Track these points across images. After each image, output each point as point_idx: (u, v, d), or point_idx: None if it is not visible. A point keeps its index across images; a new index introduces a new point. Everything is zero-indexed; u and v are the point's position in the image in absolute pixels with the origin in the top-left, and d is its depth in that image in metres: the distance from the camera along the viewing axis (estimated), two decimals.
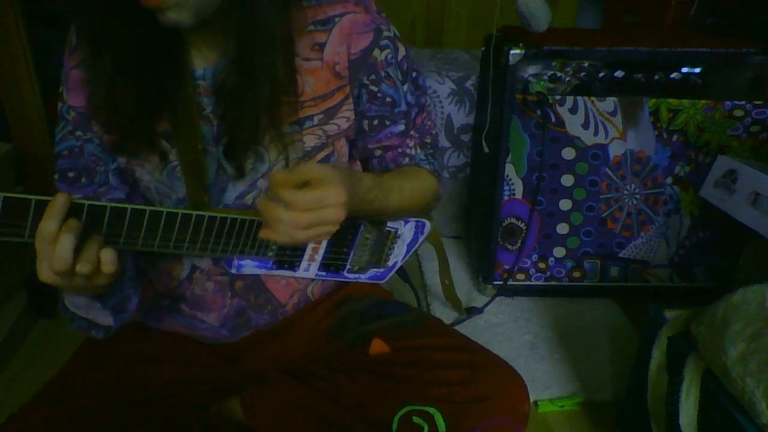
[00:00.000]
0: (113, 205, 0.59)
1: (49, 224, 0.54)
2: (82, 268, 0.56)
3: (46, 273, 0.56)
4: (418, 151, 0.85)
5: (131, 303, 0.73)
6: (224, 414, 0.79)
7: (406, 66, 0.79)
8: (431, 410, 0.69)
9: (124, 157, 0.74)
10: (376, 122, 0.79)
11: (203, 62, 0.71)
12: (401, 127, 0.81)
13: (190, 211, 0.64)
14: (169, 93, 0.69)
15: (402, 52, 0.78)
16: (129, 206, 0.60)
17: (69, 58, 0.74)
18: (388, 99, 0.78)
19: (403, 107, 0.80)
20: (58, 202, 0.54)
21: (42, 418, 0.67)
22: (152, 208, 0.61)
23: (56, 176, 0.76)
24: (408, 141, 0.83)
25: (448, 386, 0.70)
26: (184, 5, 0.61)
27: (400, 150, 0.84)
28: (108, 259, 0.58)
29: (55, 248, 0.54)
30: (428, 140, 0.87)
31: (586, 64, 1.25)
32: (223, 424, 0.78)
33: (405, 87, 0.80)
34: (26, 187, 1.45)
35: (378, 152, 0.84)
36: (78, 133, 0.75)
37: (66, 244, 0.54)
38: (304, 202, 0.58)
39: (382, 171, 0.81)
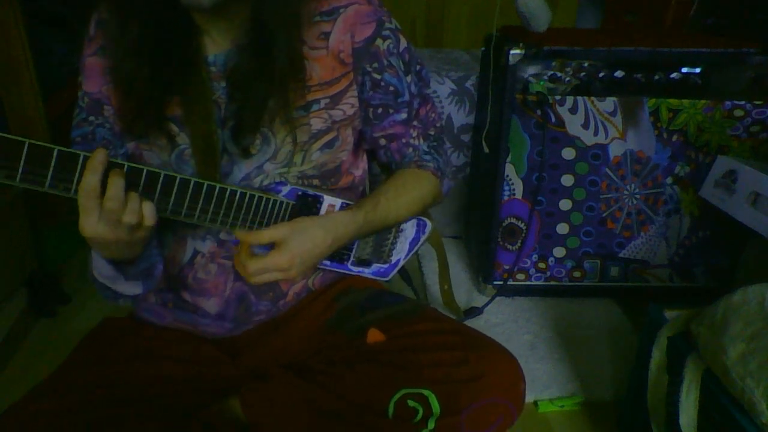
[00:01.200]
0: (150, 168, 0.63)
1: (92, 178, 0.58)
2: (129, 218, 0.61)
3: (91, 226, 0.60)
4: (422, 141, 0.87)
5: (157, 270, 0.76)
6: (224, 413, 0.79)
7: (408, 57, 0.82)
8: (426, 392, 0.69)
9: (133, 141, 0.77)
10: (380, 110, 0.82)
11: (215, 48, 0.74)
12: (404, 116, 0.84)
13: (202, 180, 0.67)
14: (182, 76, 0.72)
15: (403, 43, 0.82)
16: (162, 172, 0.64)
17: (87, 46, 0.78)
18: (391, 88, 0.81)
19: (407, 97, 0.83)
20: (99, 158, 0.58)
21: (42, 410, 0.67)
22: (169, 173, 0.64)
23: None
24: (411, 131, 0.86)
25: (442, 368, 0.71)
26: None
27: (404, 140, 0.86)
28: (149, 211, 0.63)
29: (100, 202, 0.59)
30: (432, 132, 0.89)
31: (586, 64, 1.25)
32: (223, 423, 0.78)
33: (408, 78, 0.83)
34: None
35: (383, 141, 0.86)
36: (91, 118, 0.78)
37: (117, 185, 0.59)
38: (250, 269, 0.70)
39: (377, 195, 0.82)
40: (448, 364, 0.71)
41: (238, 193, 0.70)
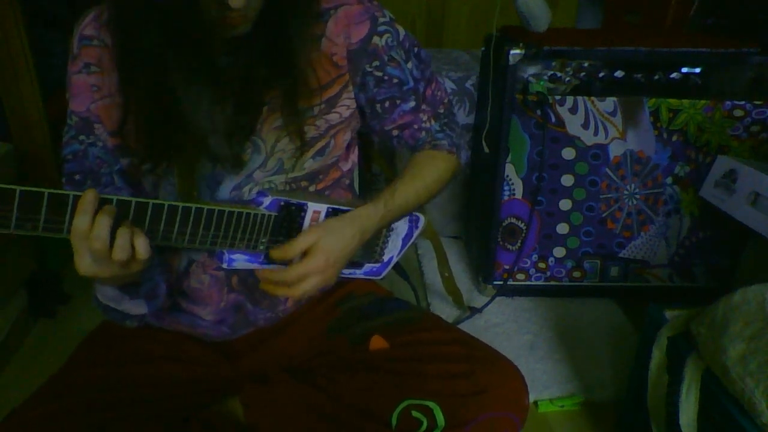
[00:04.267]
0: (122, 198, 0.60)
1: (82, 220, 0.56)
2: (119, 255, 0.59)
3: (85, 266, 0.59)
4: (433, 123, 0.86)
5: (160, 289, 0.75)
6: (224, 414, 0.79)
7: (407, 44, 0.82)
8: (430, 404, 0.69)
9: (128, 158, 0.75)
10: (387, 104, 0.81)
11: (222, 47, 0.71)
12: (412, 104, 0.83)
13: (177, 203, 0.64)
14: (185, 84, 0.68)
15: (401, 32, 0.81)
16: (133, 200, 0.61)
17: (71, 64, 0.74)
18: (395, 80, 0.80)
19: (411, 84, 0.82)
20: (88, 198, 0.56)
21: (43, 414, 0.67)
22: (139, 199, 0.62)
23: (63, 179, 0.77)
24: (421, 115, 0.85)
25: (447, 380, 0.71)
26: (249, 18, 0.64)
27: (416, 126, 0.85)
28: (142, 246, 0.61)
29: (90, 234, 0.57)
30: (441, 110, 0.88)
31: (586, 64, 1.25)
32: (223, 424, 0.78)
33: (409, 65, 0.82)
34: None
35: (395, 132, 0.85)
36: (81, 137, 0.75)
37: (102, 224, 0.57)
38: (290, 279, 0.69)
39: (393, 182, 0.80)
40: (454, 376, 0.71)
41: (216, 212, 0.67)
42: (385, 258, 0.90)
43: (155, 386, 0.76)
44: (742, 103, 1.26)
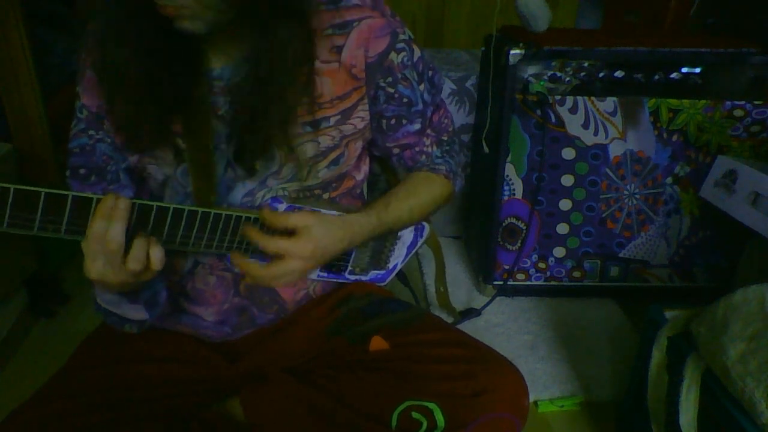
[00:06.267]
0: (142, 202, 0.61)
1: (101, 225, 0.57)
2: (133, 264, 0.60)
3: (95, 271, 0.60)
4: (435, 148, 0.87)
5: (161, 297, 0.75)
6: (224, 414, 0.79)
7: (422, 67, 0.81)
8: (430, 405, 0.69)
9: (136, 155, 0.75)
10: (393, 121, 0.81)
11: (222, 60, 0.72)
12: (417, 126, 0.83)
13: (196, 208, 0.65)
14: (184, 92, 0.70)
15: (417, 53, 0.80)
16: (155, 204, 0.62)
17: (84, 58, 0.75)
18: (405, 99, 0.80)
19: (420, 106, 0.82)
20: (108, 203, 0.56)
21: (43, 415, 0.67)
22: (159, 203, 0.62)
23: (68, 173, 0.77)
24: (425, 139, 0.86)
25: (447, 381, 0.71)
26: (197, 17, 0.63)
27: (417, 149, 0.86)
28: (157, 257, 0.62)
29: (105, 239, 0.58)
30: (445, 138, 0.89)
31: (586, 64, 1.25)
32: (223, 424, 0.78)
33: (421, 87, 0.82)
34: None
35: (396, 150, 0.85)
36: (90, 132, 0.76)
37: (118, 226, 0.58)
38: (273, 249, 0.68)
39: (388, 196, 0.81)
40: (454, 377, 0.71)
41: (234, 217, 0.68)
42: (390, 265, 0.90)
43: (155, 386, 0.76)
44: (742, 103, 1.26)
